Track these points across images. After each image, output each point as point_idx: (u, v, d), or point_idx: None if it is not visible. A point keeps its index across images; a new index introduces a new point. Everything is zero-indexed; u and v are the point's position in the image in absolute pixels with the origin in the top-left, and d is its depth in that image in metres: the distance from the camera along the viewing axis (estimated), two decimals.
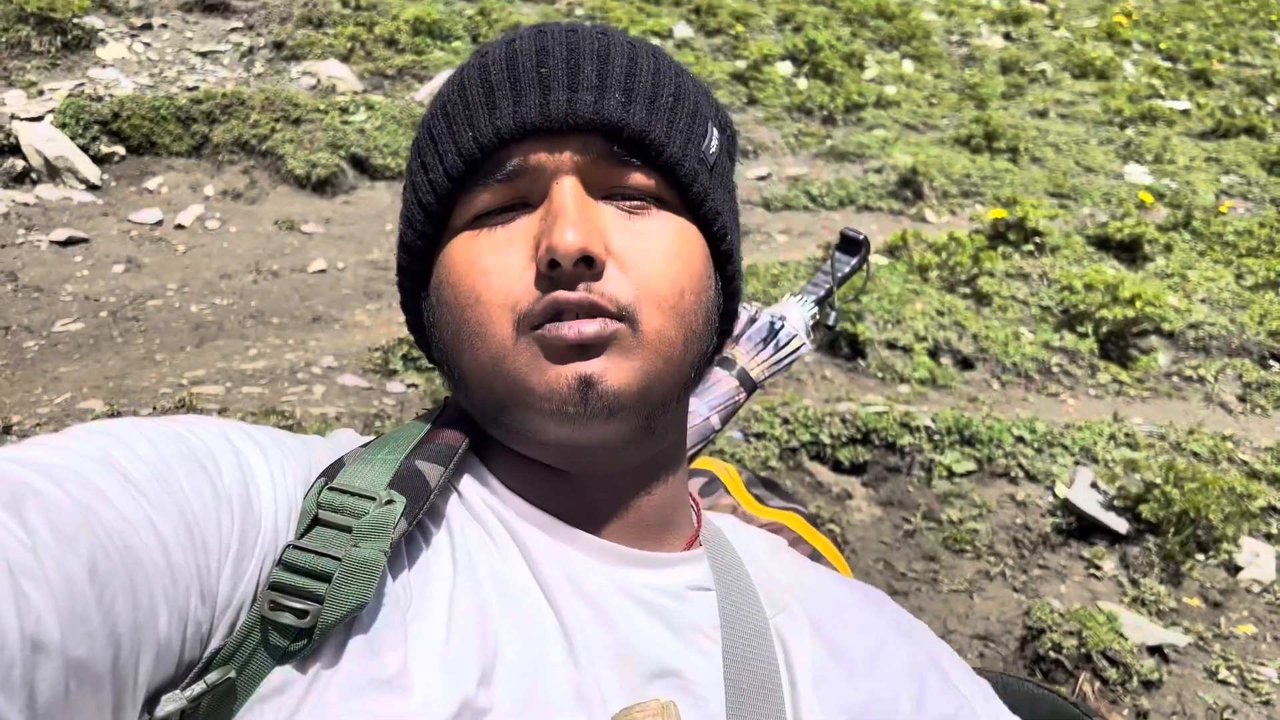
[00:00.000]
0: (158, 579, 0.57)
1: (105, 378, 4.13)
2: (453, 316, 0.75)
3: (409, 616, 0.67)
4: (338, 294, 5.23)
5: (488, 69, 0.75)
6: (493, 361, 0.72)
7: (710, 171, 0.78)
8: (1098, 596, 3.58)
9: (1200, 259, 6.74)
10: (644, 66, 0.75)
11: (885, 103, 9.97)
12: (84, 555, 0.53)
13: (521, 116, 0.72)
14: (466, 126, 0.74)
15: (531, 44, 0.75)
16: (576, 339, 0.69)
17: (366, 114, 7.28)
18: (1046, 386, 5.05)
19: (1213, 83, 13.09)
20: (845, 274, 1.61)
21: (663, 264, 0.73)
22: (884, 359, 4.87)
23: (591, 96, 0.72)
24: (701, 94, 0.81)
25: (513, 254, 0.72)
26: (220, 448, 0.67)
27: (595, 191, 0.73)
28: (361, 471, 0.71)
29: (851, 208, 7.29)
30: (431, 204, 0.76)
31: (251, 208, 6.20)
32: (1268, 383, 5.28)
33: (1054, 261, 6.12)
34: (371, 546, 0.65)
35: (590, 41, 0.75)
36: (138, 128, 6.55)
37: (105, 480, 0.58)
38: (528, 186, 0.73)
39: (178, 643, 0.59)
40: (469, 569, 0.71)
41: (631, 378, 0.71)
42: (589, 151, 0.73)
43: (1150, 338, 5.54)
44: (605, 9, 10.55)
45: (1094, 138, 10.02)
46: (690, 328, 0.75)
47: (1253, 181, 9.15)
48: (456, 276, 0.74)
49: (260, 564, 0.65)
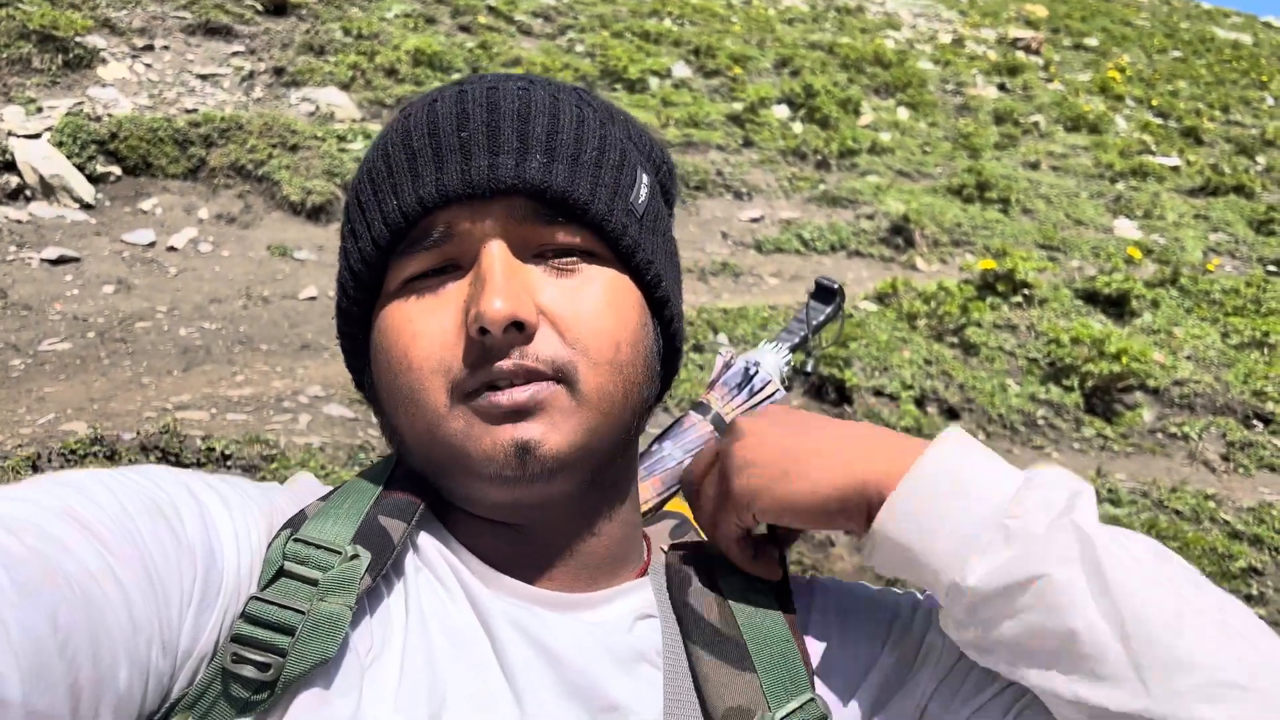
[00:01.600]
0: (119, 631, 0.57)
1: (90, 399, 4.11)
2: (388, 381, 0.75)
3: (365, 662, 0.68)
4: (327, 322, 5.23)
5: (409, 134, 0.75)
6: (428, 428, 0.72)
7: (640, 222, 0.78)
8: None
9: (1187, 316, 6.80)
10: (565, 123, 0.75)
11: (879, 149, 10.07)
12: (46, 608, 0.52)
13: (444, 184, 0.72)
14: (391, 195, 0.74)
15: (452, 107, 0.75)
16: (510, 406, 0.70)
17: (364, 143, 7.32)
18: (1031, 439, 5.07)
19: (1203, 140, 13.26)
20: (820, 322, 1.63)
21: (596, 319, 0.73)
22: (870, 406, 4.89)
23: (513, 160, 0.72)
24: (631, 140, 0.82)
25: (443, 319, 0.72)
26: (182, 498, 0.67)
27: (524, 252, 0.74)
28: (325, 525, 0.71)
29: (843, 253, 7.33)
30: (362, 271, 0.77)
31: (245, 232, 6.21)
32: (1251, 442, 5.31)
33: (1041, 314, 6.17)
34: (337, 601, 0.66)
35: (510, 101, 0.75)
36: (135, 148, 6.57)
37: (65, 531, 0.58)
38: (456, 250, 0.73)
39: (138, 693, 0.59)
40: (419, 617, 0.72)
41: (571, 438, 0.71)
42: (514, 214, 0.73)
43: (1135, 393, 5.57)
44: (605, 47, 10.65)
45: (1085, 191, 10.13)
46: (629, 380, 0.75)
47: (1240, 240, 9.25)
48: (389, 342, 0.74)
49: (223, 614, 0.65)
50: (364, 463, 3.63)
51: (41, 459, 3.20)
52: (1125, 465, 4.99)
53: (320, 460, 3.48)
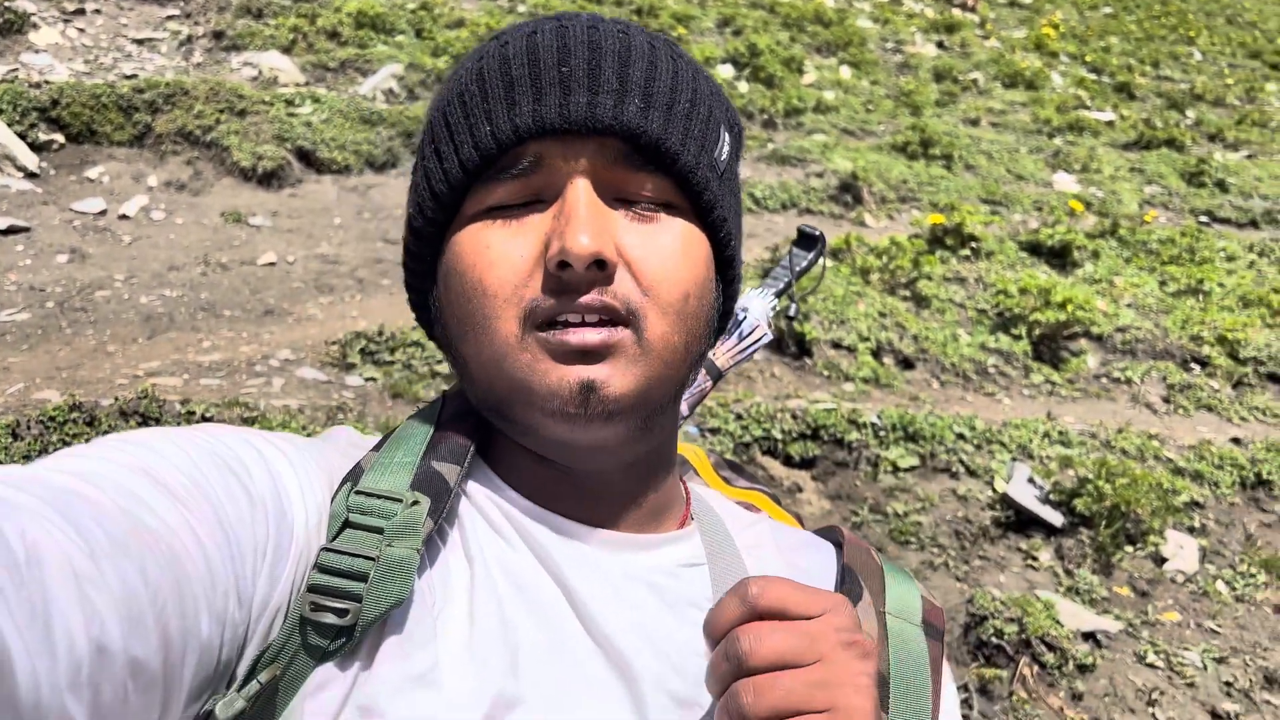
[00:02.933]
0: (200, 584, 0.59)
1: (56, 368, 4.09)
2: (458, 305, 0.75)
3: (435, 612, 0.70)
4: (288, 287, 5.22)
5: (508, 62, 0.74)
6: (496, 357, 0.73)
7: (720, 178, 0.79)
8: (1035, 586, 3.75)
9: (1126, 265, 7.03)
10: (663, 70, 0.75)
11: (824, 108, 10.17)
12: (136, 561, 0.55)
13: (541, 116, 0.72)
14: (484, 120, 0.74)
15: (554, 39, 0.74)
16: (580, 345, 0.70)
17: (313, 107, 7.25)
18: (983, 386, 5.24)
19: (1135, 95, 13.57)
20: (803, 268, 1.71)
21: (670, 269, 0.73)
22: (830, 358, 5.01)
23: (611, 100, 0.72)
24: (716, 97, 0.81)
25: (522, 248, 0.72)
26: (248, 454, 0.69)
27: (607, 193, 0.74)
28: (383, 476, 0.73)
29: (794, 210, 7.44)
30: (444, 192, 0.76)
31: (196, 199, 6.14)
32: (1189, 385, 5.54)
33: (989, 266, 6.34)
34: (405, 545, 0.68)
35: (612, 40, 0.74)
36: (78, 115, 6.44)
37: (145, 489, 0.60)
38: (542, 182, 0.73)
39: (217, 645, 0.61)
40: (483, 564, 0.74)
41: (634, 384, 0.72)
42: (605, 155, 0.73)
43: (1080, 340, 5.77)
44: (547, 8, 10.60)
45: (1024, 146, 10.34)
46: (692, 331, 0.76)
47: (1173, 192, 9.53)
48: (464, 266, 0.74)
49: (295, 567, 0.67)
50: (342, 424, 3.67)
51: (21, 426, 3.19)
52: (1073, 409, 5.18)
53: (301, 421, 3.51)
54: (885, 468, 4.19)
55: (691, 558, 0.82)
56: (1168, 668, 3.46)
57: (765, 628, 0.63)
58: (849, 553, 0.88)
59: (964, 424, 4.51)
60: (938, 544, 3.89)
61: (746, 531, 0.89)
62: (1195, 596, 3.86)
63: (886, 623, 0.82)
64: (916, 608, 0.84)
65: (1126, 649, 3.51)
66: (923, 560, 3.79)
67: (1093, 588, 3.74)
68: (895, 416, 4.37)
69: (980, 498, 4.16)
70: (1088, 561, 3.89)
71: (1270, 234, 8.86)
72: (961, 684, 3.23)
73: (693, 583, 0.80)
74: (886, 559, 0.91)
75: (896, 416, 4.37)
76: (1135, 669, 3.43)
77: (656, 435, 0.80)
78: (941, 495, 4.15)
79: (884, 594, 0.85)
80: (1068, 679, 3.30)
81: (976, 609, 3.43)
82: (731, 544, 0.86)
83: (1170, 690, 3.36)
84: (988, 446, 4.44)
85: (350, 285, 5.30)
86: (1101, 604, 3.71)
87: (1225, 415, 5.35)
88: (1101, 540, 3.93)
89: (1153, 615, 3.71)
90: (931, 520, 4.00)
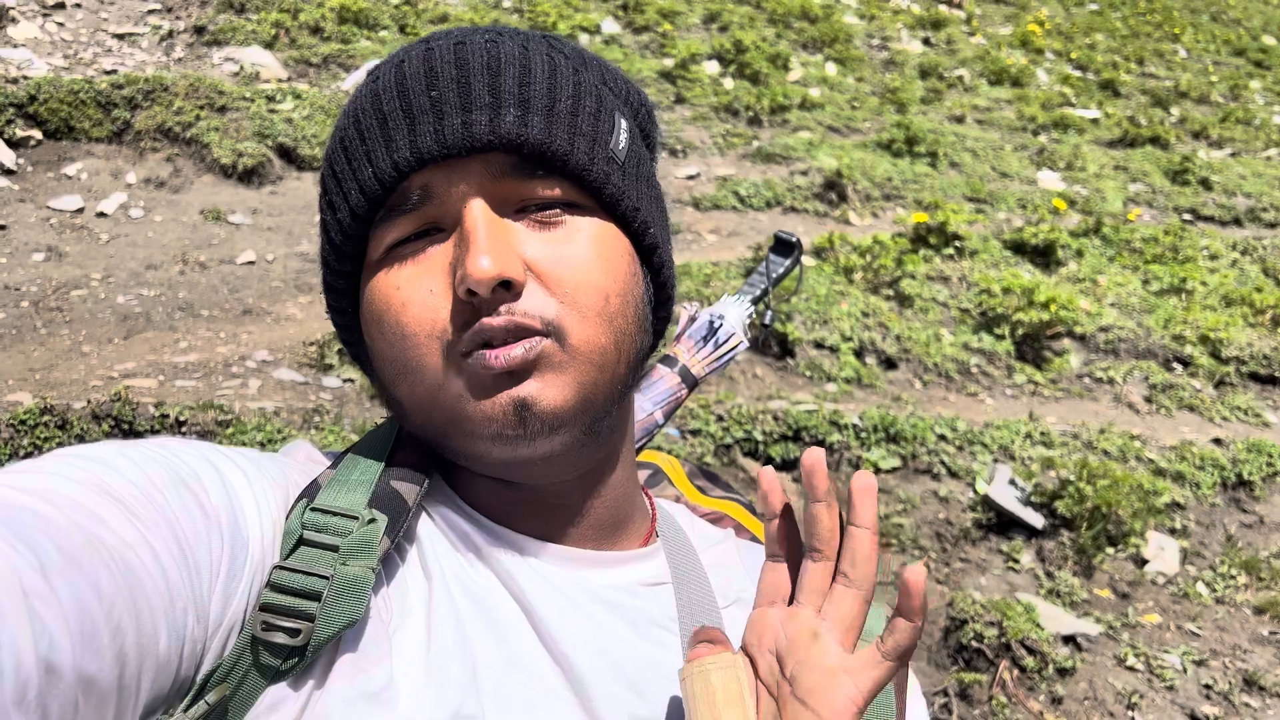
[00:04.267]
0: (157, 599, 0.58)
1: (30, 369, 4.04)
2: (383, 351, 0.74)
3: (390, 629, 0.69)
4: (267, 286, 5.17)
5: (379, 97, 0.73)
6: (428, 394, 0.72)
7: (621, 169, 0.76)
8: (1016, 589, 3.75)
9: (1110, 264, 7.03)
10: (537, 72, 0.73)
11: (809, 105, 10.15)
12: (89, 576, 0.53)
13: (418, 146, 0.70)
14: (365, 162, 0.73)
15: (420, 65, 0.72)
16: (504, 366, 0.69)
17: (294, 103, 7.19)
18: (966, 386, 5.24)
19: (1120, 92, 13.59)
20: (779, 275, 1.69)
21: (583, 271, 0.72)
22: (812, 358, 5.00)
23: (486, 116, 0.70)
24: (606, 85, 0.80)
25: (431, 282, 0.71)
26: (204, 470, 0.67)
27: (506, 207, 0.72)
28: (340, 493, 0.72)
29: (778, 209, 7.42)
30: (343, 243, 0.75)
31: (176, 196, 6.09)
32: (1171, 384, 5.54)
33: (973, 265, 6.33)
34: (360, 564, 0.67)
35: (479, 55, 0.72)
36: (55, 111, 6.37)
37: (98, 503, 0.58)
38: (437, 212, 0.72)
39: (175, 660, 0.60)
40: (441, 581, 0.73)
41: (567, 392, 0.71)
42: (492, 170, 0.71)
43: (1064, 340, 5.77)
44: (534, 2, 10.55)
45: (1009, 143, 10.34)
46: (620, 330, 0.74)
47: (1157, 190, 9.54)
48: (379, 311, 0.73)
49: (249, 584, 0.66)
50: (319, 426, 3.64)
51: None
52: (1055, 409, 5.18)
53: (276, 425, 3.47)
54: (866, 469, 4.17)
55: (655, 576, 0.81)
56: (1147, 670, 3.45)
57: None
58: None
59: (946, 425, 4.50)
60: (919, 546, 3.88)
61: (713, 549, 0.88)
62: (1176, 598, 3.86)
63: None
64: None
65: (1106, 652, 3.51)
66: (904, 563, 3.78)
67: (1073, 590, 3.74)
68: (877, 417, 4.35)
69: (961, 499, 4.15)
70: (1068, 563, 3.89)
71: (1253, 232, 8.88)
72: (941, 688, 3.22)
73: (655, 601, 0.79)
74: None
75: (878, 417, 4.35)
76: (1115, 672, 3.43)
77: (606, 441, 0.79)
78: (923, 497, 4.14)
79: None
80: (1047, 682, 3.29)
81: (957, 612, 3.42)
82: (697, 563, 0.85)
83: (1150, 693, 3.36)
84: (969, 447, 4.44)
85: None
86: (1082, 606, 3.70)
87: (1207, 415, 5.35)
88: (1082, 542, 3.93)
89: (1133, 617, 3.71)
90: (913, 522, 3.99)
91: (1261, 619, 3.83)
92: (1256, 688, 3.46)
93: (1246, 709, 3.37)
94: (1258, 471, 4.64)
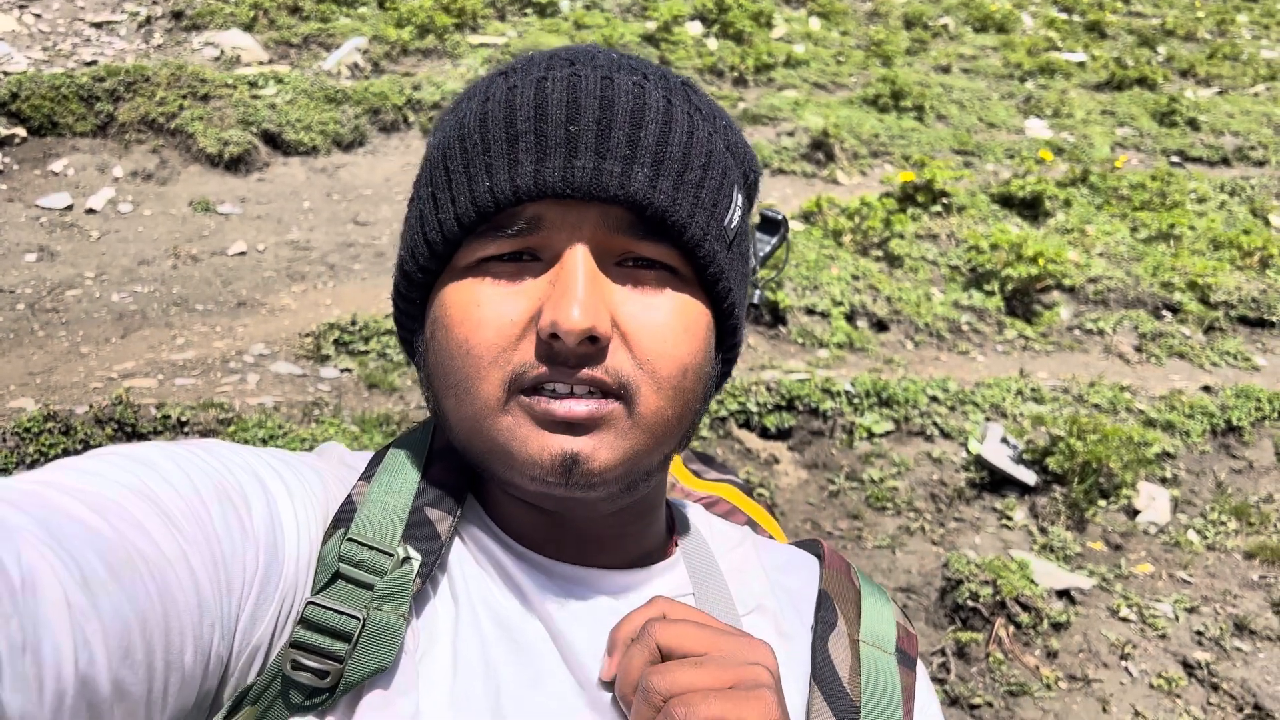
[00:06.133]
0: (188, 615, 0.59)
1: (30, 373, 4.08)
2: (442, 361, 0.73)
3: (417, 658, 0.69)
4: (260, 277, 5.21)
5: (514, 111, 0.71)
6: (476, 416, 0.71)
7: (729, 247, 0.76)
8: (1010, 545, 3.82)
9: (1098, 213, 7.05)
10: (678, 131, 0.72)
11: (794, 62, 10.11)
12: (129, 590, 0.55)
13: (544, 179, 0.69)
14: (484, 174, 0.71)
15: (564, 92, 0.71)
16: (566, 417, 0.69)
17: (276, 88, 7.17)
18: (957, 345, 5.29)
19: (1106, 34, 13.51)
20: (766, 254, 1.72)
21: (669, 343, 0.71)
22: (804, 325, 5.04)
23: (619, 167, 0.69)
24: (730, 152, 0.79)
25: (512, 311, 0.70)
26: (250, 485, 0.68)
27: (608, 258, 0.71)
28: (374, 517, 0.72)
29: (766, 171, 7.43)
30: (437, 242, 0.74)
31: (164, 189, 6.10)
32: (1161, 333, 5.59)
33: (961, 221, 6.36)
34: (393, 609, 0.67)
35: (625, 97, 0.72)
36: (38, 108, 6.36)
37: (143, 512, 0.59)
38: (538, 242, 0.71)
39: (200, 675, 0.61)
40: (469, 604, 0.73)
41: (620, 458, 0.70)
42: (607, 222, 0.70)
43: (1053, 293, 5.81)
44: None
45: (996, 92, 10.31)
46: (688, 405, 0.74)
47: (1145, 133, 9.54)
48: (451, 321, 0.72)
49: (279, 607, 0.67)
50: (319, 419, 3.69)
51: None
52: (1046, 363, 5.23)
53: (277, 420, 3.53)
54: (860, 434, 4.24)
55: (677, 588, 0.82)
56: (1140, 620, 3.53)
57: (673, 666, 0.66)
58: (826, 575, 0.89)
59: (937, 386, 4.55)
60: (914, 508, 3.95)
61: (732, 553, 0.89)
62: (1167, 547, 3.94)
63: (860, 651, 0.83)
64: (891, 635, 0.86)
65: (1100, 604, 3.59)
66: (899, 525, 3.85)
67: (1066, 544, 3.81)
68: (869, 383, 4.41)
69: (955, 460, 4.22)
70: (1061, 518, 3.96)
71: (1241, 171, 8.90)
72: (939, 648, 3.30)
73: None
74: (865, 579, 0.91)
75: (870, 383, 4.41)
76: (1109, 623, 3.51)
77: (641, 491, 0.79)
78: (916, 459, 4.20)
79: (859, 620, 0.85)
80: (1042, 637, 3.37)
81: (952, 573, 3.50)
82: (717, 571, 0.86)
83: (1143, 643, 3.44)
84: (961, 407, 4.50)
85: (322, 272, 5.30)
86: (1075, 560, 3.78)
87: (1197, 362, 5.41)
88: (1074, 496, 3.99)
89: (1125, 568, 3.78)
90: (907, 484, 4.06)
91: (1251, 563, 3.91)
92: (1247, 632, 3.54)
93: (1237, 653, 3.45)
94: (1246, 417, 4.71)
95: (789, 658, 0.81)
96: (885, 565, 3.65)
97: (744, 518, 1.41)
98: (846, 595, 0.87)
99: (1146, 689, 3.25)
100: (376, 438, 3.59)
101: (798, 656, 0.82)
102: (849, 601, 0.87)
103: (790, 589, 0.88)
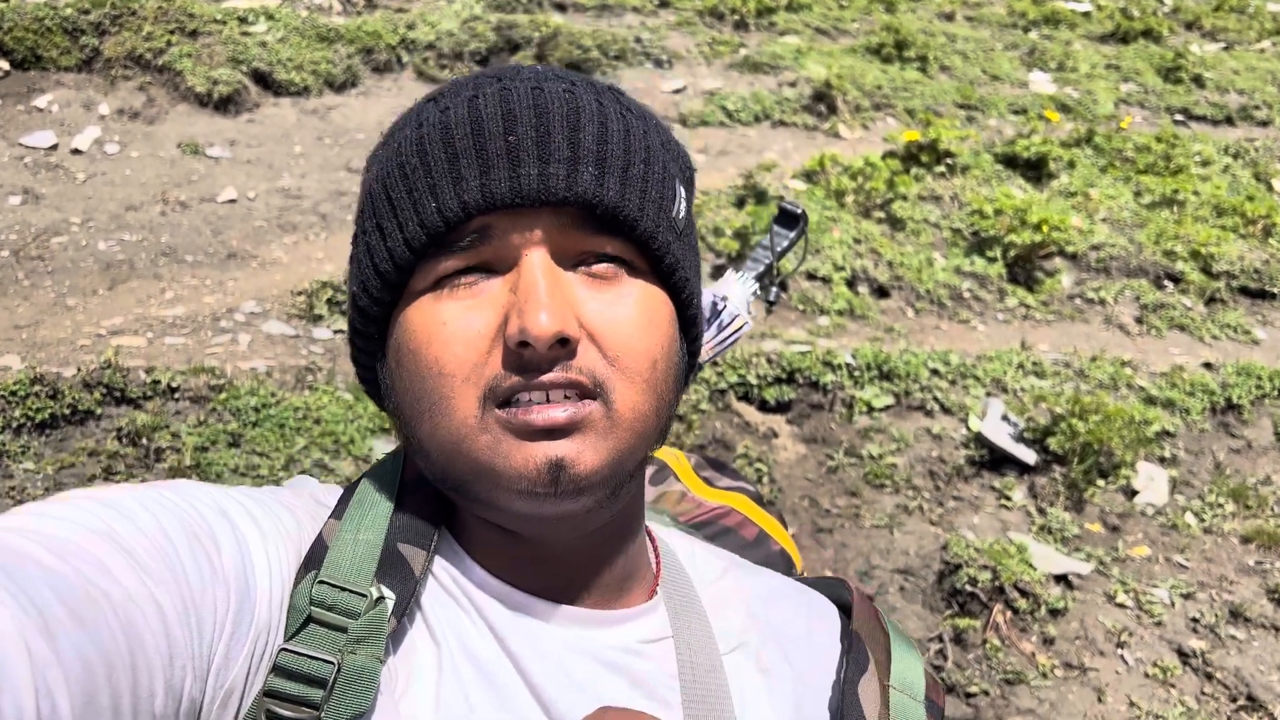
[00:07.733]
0: (157, 656, 0.58)
1: (15, 327, 3.99)
2: (412, 385, 0.72)
3: (397, 697, 0.69)
4: (251, 226, 5.09)
5: (450, 132, 0.71)
6: (454, 438, 0.70)
7: (679, 237, 0.77)
8: (1008, 526, 3.80)
9: (1102, 175, 6.96)
10: (615, 130, 0.73)
11: (796, 5, 9.89)
12: (92, 631, 0.54)
13: (490, 191, 0.69)
14: (429, 196, 0.70)
15: (498, 105, 0.71)
16: (546, 424, 0.68)
17: (267, 25, 6.97)
18: (958, 313, 5.23)
19: None
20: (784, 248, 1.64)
21: (635, 336, 0.72)
22: (805, 291, 4.98)
23: (564, 170, 0.70)
24: (668, 148, 0.79)
25: (478, 323, 0.70)
26: (220, 526, 0.67)
27: (565, 260, 0.71)
28: (345, 556, 0.71)
29: (767, 123, 7.29)
30: (389, 272, 0.73)
31: (151, 128, 5.94)
32: (1162, 304, 5.55)
33: (964, 182, 6.26)
34: (367, 653, 0.67)
35: (559, 103, 0.72)
36: (21, 40, 6.17)
37: (105, 552, 0.58)
38: (493, 253, 0.71)
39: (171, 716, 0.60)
40: (448, 646, 0.73)
41: (605, 458, 0.70)
42: (561, 222, 0.70)
43: (1055, 260, 5.74)
44: None
45: (999, 42, 10.12)
46: (662, 397, 0.74)
47: (1150, 89, 9.40)
48: (418, 343, 0.71)
49: (252, 648, 0.66)
50: (313, 386, 3.62)
51: None
52: (1047, 333, 5.19)
53: (269, 388, 3.46)
54: (860, 408, 4.20)
55: (657, 631, 0.81)
56: (1137, 607, 3.54)
57: None
58: (858, 618, 0.88)
59: (938, 359, 4.51)
60: (912, 486, 3.92)
61: (713, 586, 0.88)
62: (1165, 529, 3.93)
63: (890, 698, 0.82)
64: (920, 684, 0.85)
65: (1097, 589, 3.59)
66: (898, 504, 3.83)
67: (1064, 526, 3.80)
68: (870, 355, 4.36)
69: (954, 436, 4.18)
70: (1060, 499, 3.94)
71: (1245, 132, 8.78)
72: (936, 634, 3.30)
73: (656, 660, 0.79)
74: (894, 626, 0.90)
75: (871, 355, 4.36)
76: (1105, 609, 3.51)
77: (622, 500, 0.78)
78: (916, 434, 4.17)
79: (889, 665, 0.85)
80: (1040, 623, 3.37)
81: (950, 557, 3.48)
82: (699, 611, 0.84)
83: (1139, 630, 3.44)
84: (962, 381, 4.45)
85: (314, 222, 5.18)
86: (1073, 542, 3.77)
87: (1197, 334, 5.37)
88: (1074, 477, 3.97)
89: (1123, 551, 3.78)
90: (906, 461, 4.03)
91: (1248, 548, 3.91)
92: (1242, 619, 3.55)
93: (1232, 641, 3.46)
94: (1246, 395, 4.68)
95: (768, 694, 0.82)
96: (883, 546, 3.63)
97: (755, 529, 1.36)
98: (876, 639, 0.86)
99: (1141, 678, 3.26)
100: (370, 406, 3.53)
101: (777, 691, 0.82)
102: (878, 645, 0.86)
103: (772, 622, 0.87)
